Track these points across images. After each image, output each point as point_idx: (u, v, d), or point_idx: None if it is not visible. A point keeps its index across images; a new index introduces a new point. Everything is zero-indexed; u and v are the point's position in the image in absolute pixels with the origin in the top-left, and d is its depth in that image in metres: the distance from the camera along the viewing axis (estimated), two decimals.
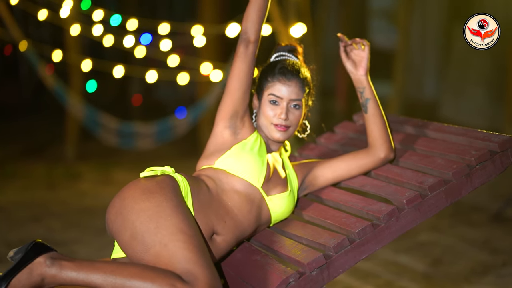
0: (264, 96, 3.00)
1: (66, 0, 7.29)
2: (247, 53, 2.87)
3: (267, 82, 3.00)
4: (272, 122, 2.96)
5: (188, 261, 2.46)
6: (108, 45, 7.36)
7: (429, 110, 11.67)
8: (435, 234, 5.85)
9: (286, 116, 2.94)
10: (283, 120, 2.95)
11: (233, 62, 2.91)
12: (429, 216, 2.84)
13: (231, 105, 2.91)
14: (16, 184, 7.48)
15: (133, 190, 2.63)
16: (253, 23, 2.86)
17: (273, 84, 2.98)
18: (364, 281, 4.85)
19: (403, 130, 3.29)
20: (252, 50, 2.87)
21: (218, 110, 2.94)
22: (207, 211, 2.73)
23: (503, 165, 2.87)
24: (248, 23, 2.87)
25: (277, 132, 2.97)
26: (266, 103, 2.98)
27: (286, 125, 2.96)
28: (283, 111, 2.95)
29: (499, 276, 4.89)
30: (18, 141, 9.81)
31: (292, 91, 2.97)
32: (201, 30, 7.13)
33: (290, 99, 2.96)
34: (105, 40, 7.28)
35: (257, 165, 2.87)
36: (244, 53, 2.87)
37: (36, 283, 2.43)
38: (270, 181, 2.92)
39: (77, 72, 8.32)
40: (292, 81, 2.98)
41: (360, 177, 3.08)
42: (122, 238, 2.59)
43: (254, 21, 2.86)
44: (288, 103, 2.96)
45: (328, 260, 2.69)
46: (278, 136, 2.97)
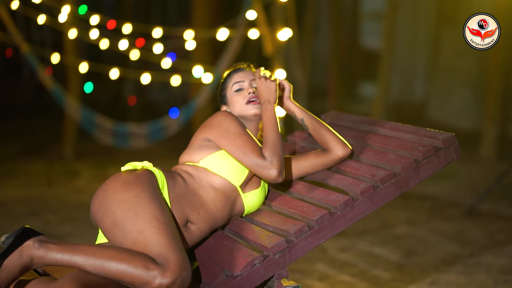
0: (229, 93, 3.34)
1: (64, 6, 7.61)
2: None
3: (226, 82, 3.36)
4: (245, 102, 3.29)
5: (161, 245, 2.76)
6: (104, 48, 7.66)
7: (418, 110, 11.96)
8: (411, 227, 6.17)
9: (253, 89, 3.30)
10: (252, 93, 3.29)
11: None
12: (380, 205, 3.15)
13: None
14: (16, 181, 7.75)
15: (114, 182, 2.94)
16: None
17: (231, 77, 3.35)
18: (340, 270, 5.16)
19: (363, 128, 3.61)
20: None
21: (223, 136, 3.15)
22: (182, 202, 3.03)
23: (447, 160, 3.21)
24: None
25: (252, 107, 3.28)
26: (233, 95, 3.32)
27: (256, 96, 3.29)
28: (249, 88, 3.31)
29: (466, 265, 5.21)
30: (19, 140, 10.05)
31: (249, 74, 3.35)
32: (192, 34, 7.44)
33: (250, 79, 3.33)
34: (102, 43, 7.58)
35: (241, 168, 3.16)
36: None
37: (26, 263, 2.72)
38: (248, 181, 3.22)
39: (75, 74, 8.61)
40: (245, 70, 3.37)
41: (323, 171, 3.41)
42: (104, 225, 2.90)
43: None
44: (250, 83, 3.32)
45: (290, 244, 3.02)
46: (255, 111, 3.28)
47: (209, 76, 7.37)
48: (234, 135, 3.13)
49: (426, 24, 12.13)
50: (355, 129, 3.64)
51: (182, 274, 2.72)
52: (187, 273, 2.75)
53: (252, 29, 7.11)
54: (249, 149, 3.10)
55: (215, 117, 3.23)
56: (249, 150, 3.10)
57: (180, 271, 2.72)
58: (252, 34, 7.11)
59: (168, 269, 2.71)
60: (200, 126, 3.27)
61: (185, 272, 2.74)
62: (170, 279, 2.69)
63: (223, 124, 3.17)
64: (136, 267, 2.70)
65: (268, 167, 3.07)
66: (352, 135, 3.56)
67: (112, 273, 2.72)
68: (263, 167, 3.08)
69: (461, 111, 10.80)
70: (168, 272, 2.70)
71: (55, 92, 8.05)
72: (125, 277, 2.71)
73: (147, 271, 2.69)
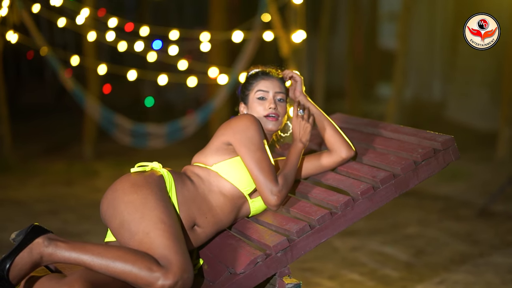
0: (251, 96, 3.33)
1: (83, 9, 7.76)
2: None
3: (252, 84, 3.34)
4: (263, 114, 3.29)
5: (165, 247, 2.86)
6: (122, 50, 7.80)
7: (435, 111, 11.99)
8: (422, 227, 6.24)
9: (275, 106, 3.29)
10: (273, 109, 3.28)
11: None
12: (380, 205, 3.23)
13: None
14: (36, 180, 7.92)
15: (123, 183, 3.04)
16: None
17: (258, 83, 3.32)
18: (350, 269, 5.24)
19: (366, 130, 3.70)
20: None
21: (243, 141, 3.17)
22: (191, 205, 3.11)
23: (446, 162, 3.29)
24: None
25: (270, 122, 3.29)
26: (254, 101, 3.31)
27: (276, 113, 3.29)
28: (271, 101, 3.29)
29: (475, 265, 5.27)
30: (41, 139, 10.24)
31: (276, 85, 3.32)
32: (208, 36, 7.55)
33: (275, 91, 3.31)
34: (120, 45, 7.72)
35: (252, 179, 3.20)
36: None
37: (36, 260, 2.82)
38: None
39: (94, 76, 8.77)
40: (274, 78, 3.34)
41: (326, 172, 3.50)
42: (112, 225, 3.01)
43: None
44: (274, 96, 3.30)
45: (292, 243, 3.11)
46: (271, 127, 3.30)
47: (225, 78, 7.47)
48: (256, 148, 3.15)
49: (443, 24, 12.15)
50: (359, 131, 3.73)
51: (183, 276, 2.82)
52: (189, 275, 2.84)
53: (267, 31, 7.21)
54: (266, 168, 3.13)
55: (240, 121, 3.21)
56: (266, 169, 3.13)
57: (181, 273, 2.81)
58: (267, 36, 7.20)
59: (170, 271, 2.80)
60: (222, 126, 3.27)
61: (187, 274, 2.83)
62: (171, 280, 2.79)
63: (248, 132, 3.17)
64: (140, 268, 2.80)
65: (275, 193, 3.13)
66: (355, 137, 3.65)
67: (117, 273, 2.82)
68: (270, 191, 3.12)
69: (478, 111, 10.81)
70: (170, 274, 2.80)
71: (75, 93, 8.19)
72: (129, 277, 2.81)
73: (150, 272, 2.79)
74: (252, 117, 3.23)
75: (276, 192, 3.13)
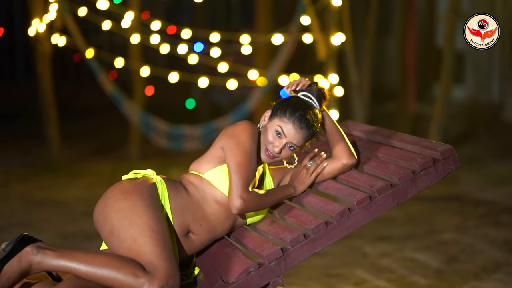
0: (274, 121, 3.23)
1: (127, 12, 7.87)
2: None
3: (283, 115, 3.22)
4: (267, 146, 3.23)
5: (152, 253, 2.87)
6: (165, 53, 7.88)
7: (493, 112, 11.72)
8: (458, 233, 6.11)
9: (280, 151, 3.22)
10: (275, 153, 3.23)
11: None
12: (377, 215, 3.18)
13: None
14: (81, 182, 8.05)
15: (114, 191, 3.10)
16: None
17: (287, 122, 3.21)
18: (377, 276, 5.17)
19: (373, 139, 3.63)
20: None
21: (235, 145, 3.13)
22: (185, 212, 3.12)
23: (445, 171, 3.21)
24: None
25: (265, 156, 3.24)
26: (272, 128, 3.23)
27: (275, 156, 3.24)
28: (280, 146, 3.21)
29: (507, 273, 5.14)
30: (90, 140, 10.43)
31: (297, 137, 3.22)
32: (249, 39, 7.57)
33: (291, 142, 3.22)
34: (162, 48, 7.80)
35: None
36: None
37: (24, 269, 2.87)
38: None
39: (139, 78, 8.87)
40: (303, 130, 3.22)
41: (326, 180, 3.45)
42: (103, 233, 3.03)
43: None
44: (287, 143, 3.22)
45: (285, 253, 3.09)
46: (263, 158, 3.25)
47: (263, 80, 7.48)
48: (241, 152, 3.11)
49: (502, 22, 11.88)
50: (365, 139, 3.67)
51: (169, 283, 2.82)
52: (174, 281, 2.84)
53: (306, 34, 7.19)
54: (244, 174, 3.08)
55: (237, 126, 3.20)
56: (244, 175, 3.08)
57: (167, 280, 2.82)
58: (306, 39, 7.18)
59: (155, 277, 2.81)
60: (221, 132, 3.26)
61: (172, 280, 2.83)
62: (156, 286, 2.80)
63: (240, 137, 3.14)
64: (125, 275, 2.81)
65: (239, 199, 3.05)
66: (360, 145, 3.59)
67: (103, 280, 2.84)
68: (237, 195, 3.05)
69: None
70: (156, 280, 2.81)
71: (114, 95, 8.30)
72: (115, 283, 2.83)
73: (136, 279, 2.81)
74: (249, 125, 3.20)
75: (245, 197, 3.06)
